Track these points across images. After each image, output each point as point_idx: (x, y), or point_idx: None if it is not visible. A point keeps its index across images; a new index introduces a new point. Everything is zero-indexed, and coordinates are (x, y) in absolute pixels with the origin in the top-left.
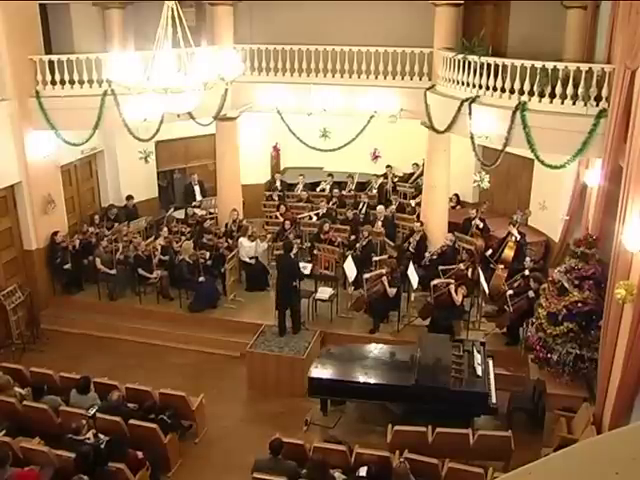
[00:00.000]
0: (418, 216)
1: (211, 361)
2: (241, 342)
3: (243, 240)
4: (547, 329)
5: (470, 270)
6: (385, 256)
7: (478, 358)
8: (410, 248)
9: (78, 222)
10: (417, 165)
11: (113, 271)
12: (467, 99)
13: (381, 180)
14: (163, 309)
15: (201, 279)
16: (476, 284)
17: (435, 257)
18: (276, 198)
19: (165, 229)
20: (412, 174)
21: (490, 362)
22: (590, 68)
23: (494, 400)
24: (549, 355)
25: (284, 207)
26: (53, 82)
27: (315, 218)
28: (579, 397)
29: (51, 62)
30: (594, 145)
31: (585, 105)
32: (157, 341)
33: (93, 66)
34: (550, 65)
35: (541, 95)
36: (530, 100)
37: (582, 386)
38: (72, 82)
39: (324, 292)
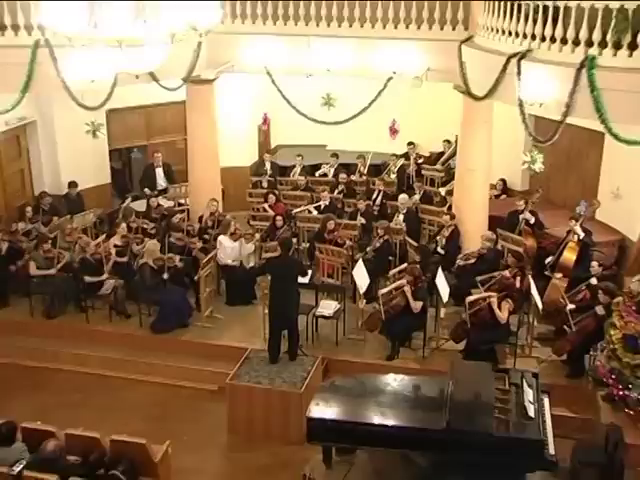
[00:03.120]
0: (450, 208)
1: (180, 397)
2: (220, 372)
3: (223, 239)
4: (623, 357)
5: (518, 278)
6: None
7: (530, 394)
8: (438, 249)
9: (3, 216)
10: (449, 142)
11: (51, 279)
12: (516, 54)
13: (401, 162)
14: (118, 329)
15: (166, 278)
16: (526, 297)
17: (472, 261)
18: (265, 185)
19: (123, 225)
20: (442, 154)
21: (546, 400)
22: None
23: (552, 451)
24: (627, 392)
25: (275, 197)
26: None
27: (316, 212)
28: None
29: None
30: None
31: None
32: (109, 372)
33: (18, 7)
34: (631, 4)
35: (616, 47)
36: (601, 54)
37: None
38: None
39: (327, 307)
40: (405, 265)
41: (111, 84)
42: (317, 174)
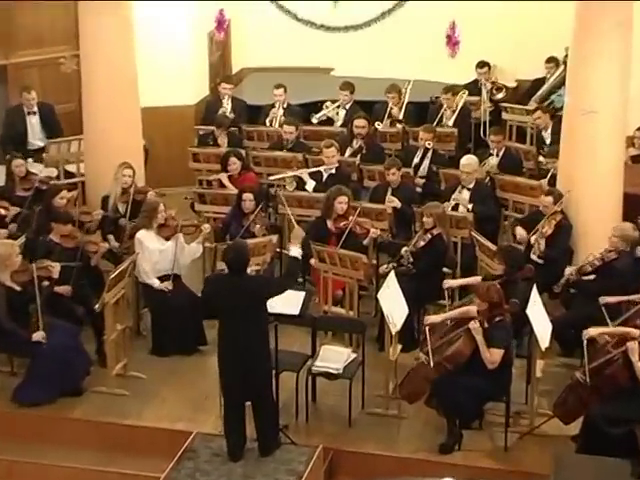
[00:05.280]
0: (553, 182)
1: None
2: (141, 475)
3: (145, 237)
4: None
5: None
6: (475, 277)
7: None
8: (532, 254)
9: None
10: (556, 61)
11: None
12: None
13: (462, 98)
14: None
15: (37, 337)
16: None
17: (591, 274)
18: (224, 142)
19: None
20: (539, 82)
21: None
22: None
23: None
24: None
25: (240, 161)
26: None
27: (312, 184)
28: None
29: None
30: None
31: None
32: None
33: None
34: None
35: None
36: None
37: None
38: None
39: (333, 357)
40: (473, 280)
41: None
42: (315, 119)
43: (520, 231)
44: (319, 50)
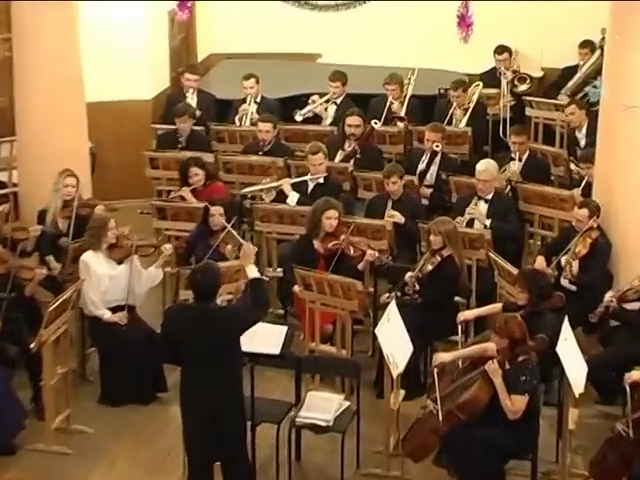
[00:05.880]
0: (587, 192)
1: None
2: None
3: (92, 259)
4: None
5: None
6: (494, 305)
7: None
8: (563, 279)
9: None
10: (591, 46)
11: None
12: None
13: (477, 91)
14: None
15: None
16: None
17: (636, 303)
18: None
19: None
20: (571, 71)
21: None
22: None
23: None
24: None
25: (204, 171)
26: None
27: (295, 197)
28: None
29: None
30: None
31: None
32: None
33: None
34: None
35: None
36: None
37: None
38: None
39: (321, 405)
40: (492, 309)
41: None
42: (299, 116)
43: (540, 262)
44: (304, 33)
